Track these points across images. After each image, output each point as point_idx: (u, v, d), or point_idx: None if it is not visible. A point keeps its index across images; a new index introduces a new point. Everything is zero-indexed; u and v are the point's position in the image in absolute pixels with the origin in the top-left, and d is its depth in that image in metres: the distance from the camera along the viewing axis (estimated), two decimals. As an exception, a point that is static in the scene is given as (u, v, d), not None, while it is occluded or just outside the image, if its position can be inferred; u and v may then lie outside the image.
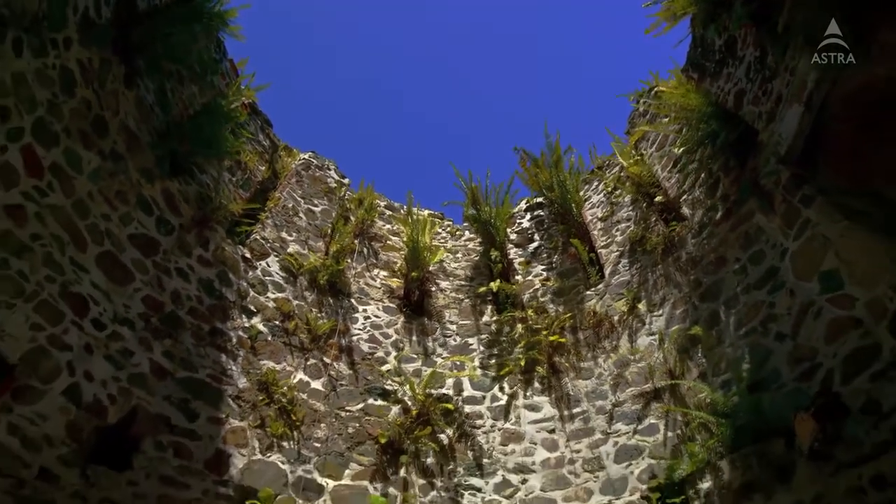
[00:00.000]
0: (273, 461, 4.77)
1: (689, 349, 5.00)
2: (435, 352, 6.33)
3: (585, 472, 4.96)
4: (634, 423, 5.04)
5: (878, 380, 3.51)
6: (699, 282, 5.22)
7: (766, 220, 4.67)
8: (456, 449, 5.39)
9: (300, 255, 6.46)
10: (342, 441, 5.24)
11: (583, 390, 5.55)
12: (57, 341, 3.84)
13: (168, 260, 5.00)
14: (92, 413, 3.94)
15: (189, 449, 4.40)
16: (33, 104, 3.78)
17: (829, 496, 3.54)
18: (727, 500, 4.07)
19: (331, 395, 5.55)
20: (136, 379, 4.34)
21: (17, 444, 3.43)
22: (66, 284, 3.99)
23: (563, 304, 6.42)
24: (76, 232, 4.17)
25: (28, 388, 3.58)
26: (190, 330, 4.94)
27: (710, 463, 4.28)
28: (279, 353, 5.53)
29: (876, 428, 3.43)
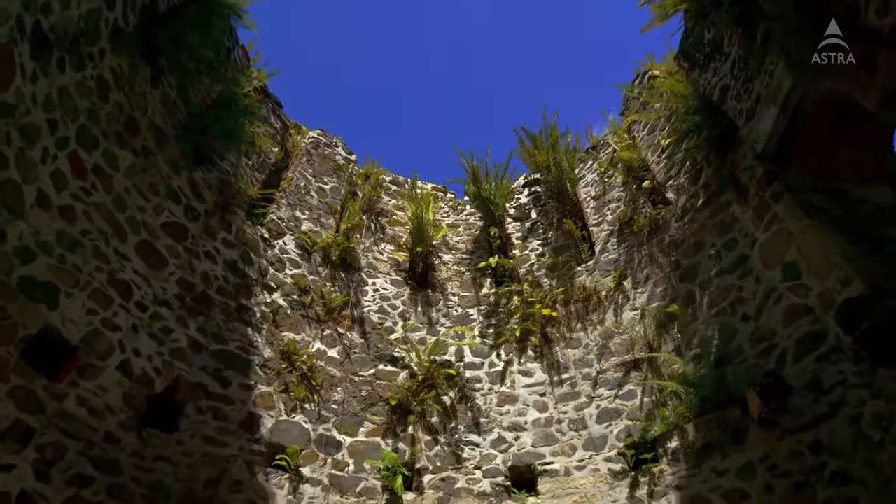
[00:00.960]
0: (297, 421, 5.40)
1: (666, 325, 5.53)
2: (438, 321, 6.89)
3: (571, 431, 5.60)
4: (615, 388, 5.63)
5: (822, 361, 4.03)
6: (679, 263, 5.69)
7: (741, 210, 5.09)
8: (457, 409, 6.02)
9: (313, 232, 6.91)
10: (357, 403, 5.86)
11: (571, 358, 6.13)
12: (109, 323, 4.36)
13: (196, 244, 5.46)
14: (142, 384, 4.51)
15: (225, 412, 5.00)
16: (76, 113, 4.15)
17: (774, 457, 4.15)
18: (691, 457, 4.69)
19: (345, 362, 6.13)
20: (177, 353, 4.89)
21: (85, 413, 4.01)
22: (112, 272, 4.47)
23: (556, 279, 6.92)
24: (117, 224, 4.62)
25: (89, 366, 4.12)
26: (219, 307, 5.47)
27: (679, 426, 4.88)
28: (298, 325, 6.08)
29: (817, 402, 3.99)
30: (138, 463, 4.21)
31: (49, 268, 3.89)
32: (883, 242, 4.15)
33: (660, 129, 6.52)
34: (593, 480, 5.13)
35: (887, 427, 3.50)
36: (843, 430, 3.78)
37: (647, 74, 6.95)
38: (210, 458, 4.67)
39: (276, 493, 4.84)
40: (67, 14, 3.78)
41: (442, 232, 7.68)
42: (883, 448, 3.50)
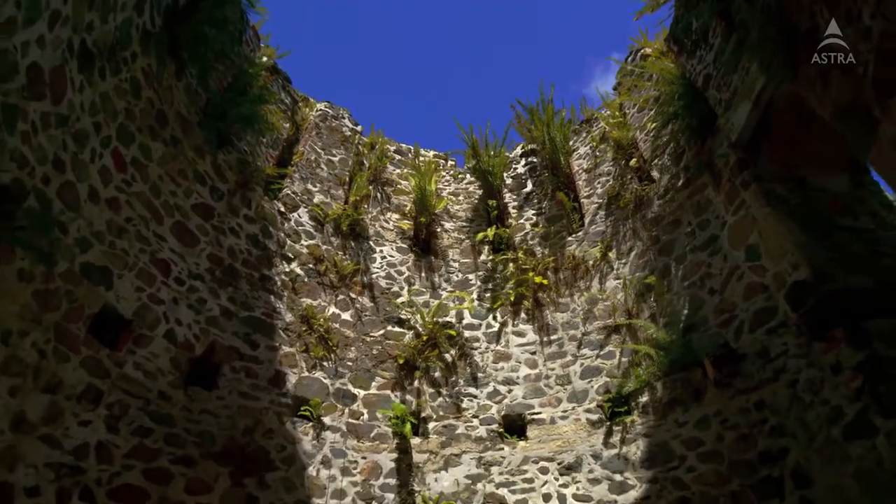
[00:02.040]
0: (317, 377, 6.10)
1: (644, 294, 6.12)
2: (440, 286, 7.50)
3: (557, 385, 6.32)
4: (597, 349, 6.31)
5: (770, 334, 4.65)
6: (658, 238, 6.22)
7: (714, 194, 5.57)
8: (457, 366, 6.73)
9: (324, 204, 7.40)
10: (368, 360, 6.56)
11: (559, 321, 6.78)
12: (154, 298, 4.96)
13: (222, 222, 5.98)
14: (184, 349, 5.16)
15: (255, 370, 5.69)
16: (115, 114, 4.57)
17: (725, 412, 4.85)
18: (658, 410, 5.41)
19: (357, 324, 6.79)
20: (211, 320, 5.51)
21: (142, 375, 4.68)
22: (153, 253, 5.03)
23: (548, 248, 7.47)
24: (154, 209, 5.13)
25: (142, 336, 4.76)
26: (244, 278, 6.05)
27: (649, 383, 5.58)
28: (315, 292, 6.68)
29: (763, 368, 4.64)
30: (187, 416, 4.92)
31: (103, 253, 4.45)
32: (832, 230, 4.67)
33: (648, 108, 6.87)
34: (575, 428, 5.89)
35: (817, 391, 4.16)
36: (782, 392, 4.45)
37: (639, 52, 7.21)
38: (245, 410, 5.39)
39: (302, 438, 5.60)
40: (106, 28, 4.15)
41: (443, 203, 8.16)
42: (812, 408, 4.17)
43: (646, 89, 6.84)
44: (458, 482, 5.76)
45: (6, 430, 3.57)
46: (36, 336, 3.78)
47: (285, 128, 7.60)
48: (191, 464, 4.77)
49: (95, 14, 3.92)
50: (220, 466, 4.94)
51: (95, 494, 4.12)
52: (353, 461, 5.71)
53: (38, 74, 3.49)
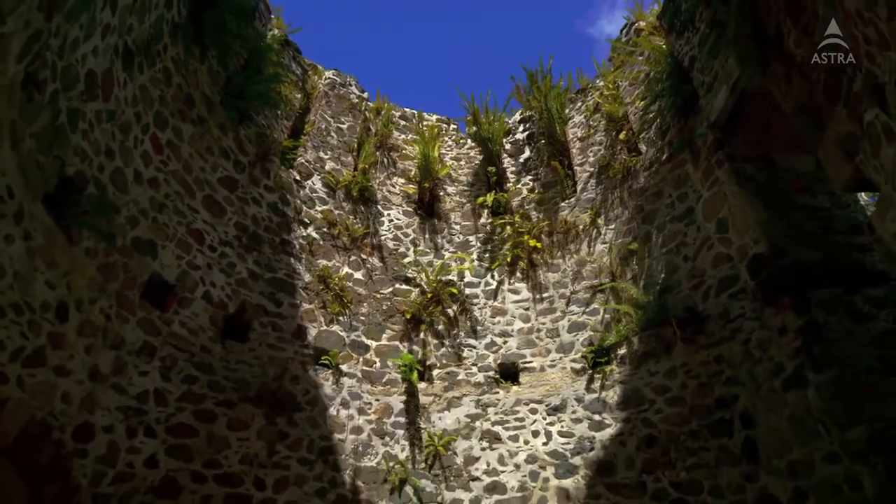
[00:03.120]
0: (335, 330, 6.79)
1: (627, 258, 6.71)
2: (443, 247, 8.08)
3: (547, 338, 7.03)
4: (584, 307, 6.96)
5: (732, 298, 5.28)
6: (642, 207, 6.73)
7: (693, 170, 6.04)
8: (459, 320, 7.42)
9: (335, 171, 7.86)
10: (379, 315, 7.24)
11: (551, 281, 7.41)
12: (191, 264, 5.55)
13: (246, 192, 6.49)
14: (219, 308, 5.80)
15: (280, 325, 6.36)
16: (151, 102, 5.00)
17: (690, 364, 5.54)
18: (633, 361, 6.12)
19: (368, 282, 7.42)
20: (240, 282, 6.13)
21: (186, 332, 5.34)
22: (188, 224, 5.58)
23: (542, 212, 7.99)
24: (187, 185, 5.63)
25: (184, 298, 5.39)
26: (267, 243, 6.62)
27: (627, 338, 6.26)
28: (329, 253, 7.28)
29: (724, 328, 5.30)
30: (225, 365, 5.64)
31: (148, 228, 5.01)
32: (792, 208, 5.19)
33: (640, 83, 7.20)
34: (561, 375, 6.64)
35: (765, 349, 4.82)
36: (737, 349, 5.13)
37: (633, 26, 7.45)
38: (274, 360, 6.10)
39: (324, 383, 6.35)
40: (143, 27, 4.52)
41: (446, 169, 8.60)
42: (760, 363, 4.85)
43: (637, 65, 7.15)
44: (458, 420, 6.57)
45: (85, 381, 4.26)
46: (102, 303, 4.41)
47: (297, 98, 7.94)
48: (231, 406, 5.53)
49: (135, 18, 4.30)
50: (255, 408, 5.70)
51: (156, 431, 4.87)
52: (368, 403, 6.49)
53: (92, 79, 3.93)
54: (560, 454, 6.15)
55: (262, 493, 5.42)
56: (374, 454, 6.16)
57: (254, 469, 5.45)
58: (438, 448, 6.24)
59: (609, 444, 5.92)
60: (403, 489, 6.00)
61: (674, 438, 5.46)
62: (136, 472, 4.65)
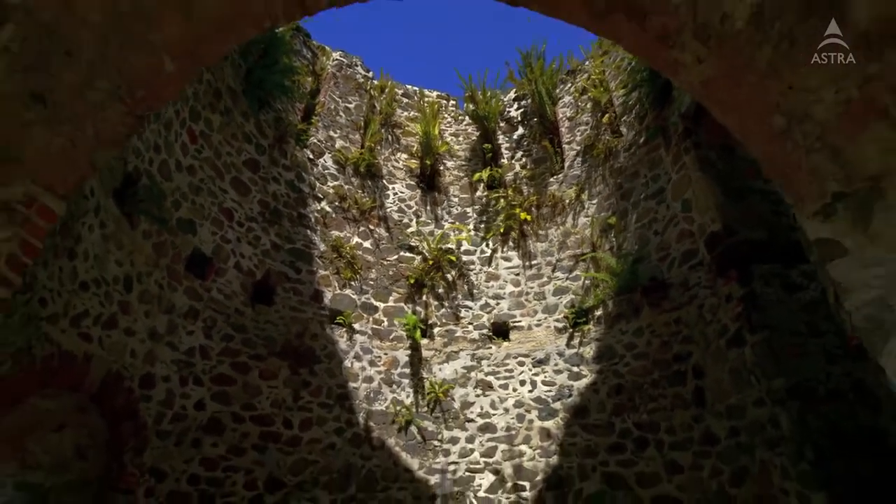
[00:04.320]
0: (347, 294, 7.59)
1: (606, 231, 7.42)
2: (443, 218, 8.77)
3: (534, 301, 7.84)
4: (567, 273, 7.73)
5: (691, 269, 6.03)
6: (621, 185, 7.39)
7: (665, 154, 6.67)
8: (457, 284, 8.21)
9: (344, 148, 8.46)
10: (386, 280, 8.02)
11: (539, 249, 8.15)
12: (224, 239, 6.28)
13: (267, 173, 7.13)
14: (249, 276, 6.57)
15: (300, 290, 7.15)
16: (187, 99, 5.60)
17: (654, 325, 6.35)
18: (608, 322, 6.94)
19: (376, 250, 8.17)
20: (265, 253, 6.88)
21: (223, 297, 6.13)
22: (220, 204, 6.27)
23: (533, 187, 8.63)
24: (217, 169, 6.28)
25: (220, 269, 6.14)
26: (286, 217, 7.32)
27: (603, 301, 7.05)
28: (341, 225, 7.99)
29: (683, 294, 6.08)
30: (256, 325, 6.45)
31: (189, 209, 5.70)
32: (747, 192, 5.87)
33: (622, 71, 7.71)
34: (546, 333, 7.49)
35: (715, 313, 5.61)
36: (693, 312, 5.92)
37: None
38: (296, 320, 6.92)
39: (339, 340, 7.19)
40: (180, 35, 5.06)
41: (445, 146, 9.17)
42: (710, 325, 5.65)
43: (620, 54, 7.63)
44: (456, 371, 7.46)
45: (146, 340, 5.07)
46: (156, 275, 5.16)
47: (308, 81, 8.44)
48: (261, 359, 6.38)
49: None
50: (281, 361, 6.56)
51: (202, 380, 5.74)
52: (378, 356, 7.36)
53: (144, 88, 4.53)
54: (543, 400, 7.07)
55: (290, 432, 6.34)
56: (384, 400, 7.08)
57: (282, 412, 6.36)
58: (439, 395, 7.16)
59: (584, 391, 6.82)
60: (409, 429, 6.95)
61: (638, 387, 6.34)
62: (188, 414, 5.54)
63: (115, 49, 1.96)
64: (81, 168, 2.11)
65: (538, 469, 6.66)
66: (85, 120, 1.99)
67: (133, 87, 2.07)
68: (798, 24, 1.71)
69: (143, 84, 2.10)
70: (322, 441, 6.46)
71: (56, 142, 1.91)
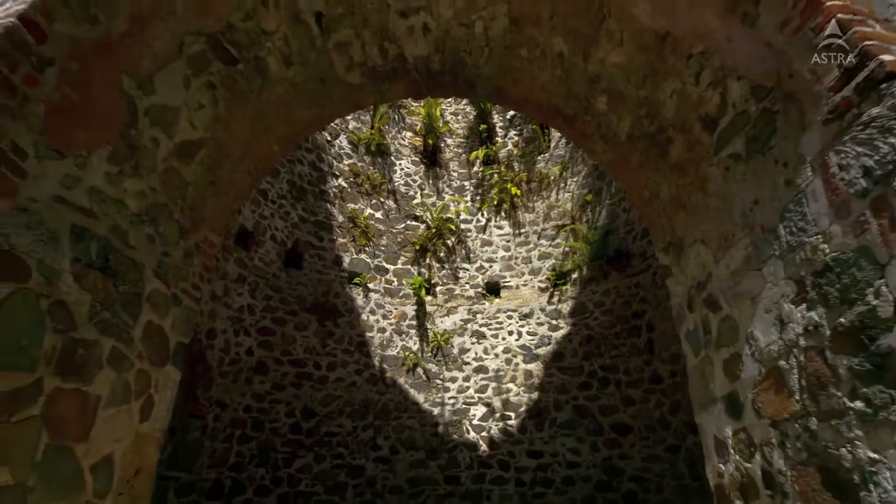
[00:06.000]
0: (362, 258, 8.76)
1: (584, 206, 8.51)
2: (443, 191, 9.81)
3: (522, 264, 9.02)
4: (550, 241, 8.88)
5: (648, 243, 7.17)
6: (597, 166, 8.41)
7: (635, 142, 7.66)
8: (456, 249, 9.36)
9: (357, 129, 9.39)
10: (395, 246, 9.17)
11: (527, 220, 9.26)
12: (261, 215, 7.37)
13: (293, 155, 8.13)
14: (281, 245, 7.71)
15: (324, 256, 8.31)
16: (230, 100, 6.54)
17: (619, 287, 7.57)
18: (582, 283, 8.15)
19: (386, 220, 9.27)
20: (294, 225, 7.99)
21: (262, 265, 7.30)
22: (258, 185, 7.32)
23: (523, 164, 9.63)
24: (253, 156, 7.29)
25: (259, 241, 7.28)
26: (310, 193, 8.38)
27: (579, 266, 8.24)
28: (356, 198, 9.05)
29: (642, 262, 7.25)
30: (288, 286, 7.66)
31: (233, 193, 6.77)
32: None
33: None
34: (531, 292, 8.73)
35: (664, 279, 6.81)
36: (648, 278, 7.12)
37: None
38: (321, 281, 8.13)
39: (356, 297, 8.43)
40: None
41: (446, 127, 10.08)
42: (661, 288, 6.85)
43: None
44: (455, 323, 8.74)
45: (209, 301, 6.28)
46: (214, 250, 6.31)
47: (324, 68, 9.26)
48: (294, 314, 7.63)
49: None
50: (310, 315, 7.81)
51: (250, 332, 7.00)
52: (389, 311, 8.62)
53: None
54: (527, 347, 8.39)
55: (319, 372, 7.67)
56: (395, 346, 8.40)
57: (312, 356, 7.67)
58: (440, 342, 8.47)
59: (561, 340, 8.12)
60: (416, 370, 8.30)
61: (604, 337, 7.63)
62: (241, 359, 6.83)
63: (249, 147, 3.05)
64: (229, 215, 3.25)
65: (522, 402, 8.06)
66: (231, 188, 3.10)
67: (257, 165, 3.16)
68: (650, 147, 2.80)
69: (262, 161, 3.19)
70: (345, 380, 7.82)
71: (219, 204, 3.02)
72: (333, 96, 3.27)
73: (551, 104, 3.24)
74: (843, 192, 1.74)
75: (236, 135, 3.04)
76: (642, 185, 2.93)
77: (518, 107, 3.51)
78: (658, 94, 2.66)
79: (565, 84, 3.04)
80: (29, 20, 1.92)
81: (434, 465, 7.60)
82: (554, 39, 2.86)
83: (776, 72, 2.01)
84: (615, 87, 2.84)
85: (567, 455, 7.42)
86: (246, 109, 2.98)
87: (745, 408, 2.32)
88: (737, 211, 2.37)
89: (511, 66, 3.11)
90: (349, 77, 3.20)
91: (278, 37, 2.80)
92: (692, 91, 2.48)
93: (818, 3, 1.78)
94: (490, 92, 3.37)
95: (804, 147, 1.92)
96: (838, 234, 1.77)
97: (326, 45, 2.95)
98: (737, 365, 2.39)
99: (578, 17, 2.66)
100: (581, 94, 3.03)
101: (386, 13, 2.84)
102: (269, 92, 3.02)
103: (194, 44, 2.56)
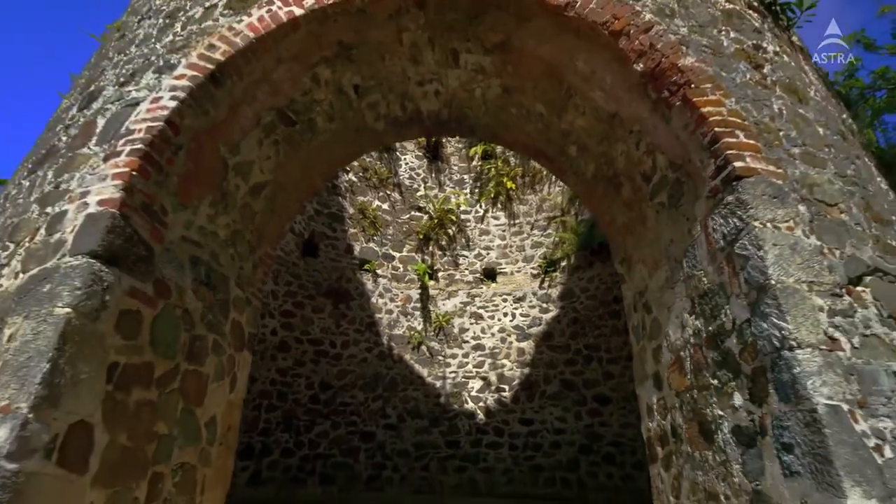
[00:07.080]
0: (371, 247, 9.73)
1: (573, 200, 9.44)
2: (445, 184, 10.71)
3: (516, 252, 10.00)
4: (542, 231, 9.84)
5: (629, 236, 8.15)
6: (586, 164, 9.31)
7: (619, 145, 8.56)
8: (456, 238, 10.32)
9: (365, 125, 10.24)
10: (401, 235, 10.13)
11: (521, 211, 10.19)
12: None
13: (307, 154, 9.00)
14: (299, 236, 8.67)
15: (337, 245, 9.28)
16: (256, 110, 7.41)
17: (602, 275, 8.58)
18: (570, 270, 9.15)
19: (392, 211, 10.20)
20: (310, 217, 8.92)
21: (283, 254, 8.26)
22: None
23: (518, 159, 10.50)
24: (275, 157, 8.18)
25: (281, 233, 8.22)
26: (324, 188, 9.28)
27: (568, 255, 9.23)
28: (365, 191, 9.96)
29: (622, 254, 8.24)
30: (306, 273, 8.65)
31: (259, 193, 7.69)
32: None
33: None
34: (524, 278, 9.73)
35: (641, 270, 7.81)
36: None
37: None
38: (335, 268, 9.11)
39: (366, 282, 9.43)
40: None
41: (448, 123, 10.92)
42: (638, 278, 7.86)
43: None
44: (455, 305, 9.77)
45: (241, 289, 7.26)
46: (245, 244, 7.26)
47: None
48: (312, 298, 8.64)
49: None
50: (326, 299, 8.83)
51: (274, 314, 8.02)
52: (396, 294, 9.64)
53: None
54: (520, 327, 9.44)
55: (334, 350, 8.73)
56: (401, 326, 9.44)
57: (328, 336, 8.71)
58: (442, 323, 9.51)
59: (550, 321, 9.17)
60: (420, 347, 9.37)
61: (588, 319, 8.68)
62: (267, 338, 7.86)
63: (299, 182, 4.00)
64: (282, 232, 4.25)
65: (515, 376, 9.16)
66: (284, 212, 4.09)
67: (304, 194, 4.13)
68: (608, 186, 3.76)
69: (307, 191, 4.15)
70: (357, 356, 8.88)
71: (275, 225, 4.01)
72: (363, 140, 4.19)
73: (535, 147, 4.17)
74: (714, 245, 2.71)
75: (290, 174, 3.98)
76: (605, 212, 3.88)
77: (509, 146, 4.44)
78: (612, 150, 3.60)
79: (545, 134, 3.97)
80: (171, 121, 2.85)
81: (436, 432, 8.73)
82: (536, 104, 3.78)
83: (683, 156, 2.95)
84: (582, 140, 3.78)
85: (554, 423, 8.55)
86: (298, 155, 3.91)
87: (663, 383, 3.34)
88: (662, 244, 3.34)
89: (503, 119, 4.03)
90: (376, 125, 4.12)
91: (325, 103, 3.72)
92: (634, 154, 3.42)
93: (704, 118, 2.72)
94: (487, 136, 4.30)
95: (696, 210, 2.89)
96: (711, 272, 2.75)
97: (360, 106, 3.87)
98: (659, 353, 3.40)
99: (553, 92, 3.58)
100: (557, 142, 3.96)
101: (407, 83, 3.75)
102: (316, 141, 3.94)
103: (267, 116, 3.48)
